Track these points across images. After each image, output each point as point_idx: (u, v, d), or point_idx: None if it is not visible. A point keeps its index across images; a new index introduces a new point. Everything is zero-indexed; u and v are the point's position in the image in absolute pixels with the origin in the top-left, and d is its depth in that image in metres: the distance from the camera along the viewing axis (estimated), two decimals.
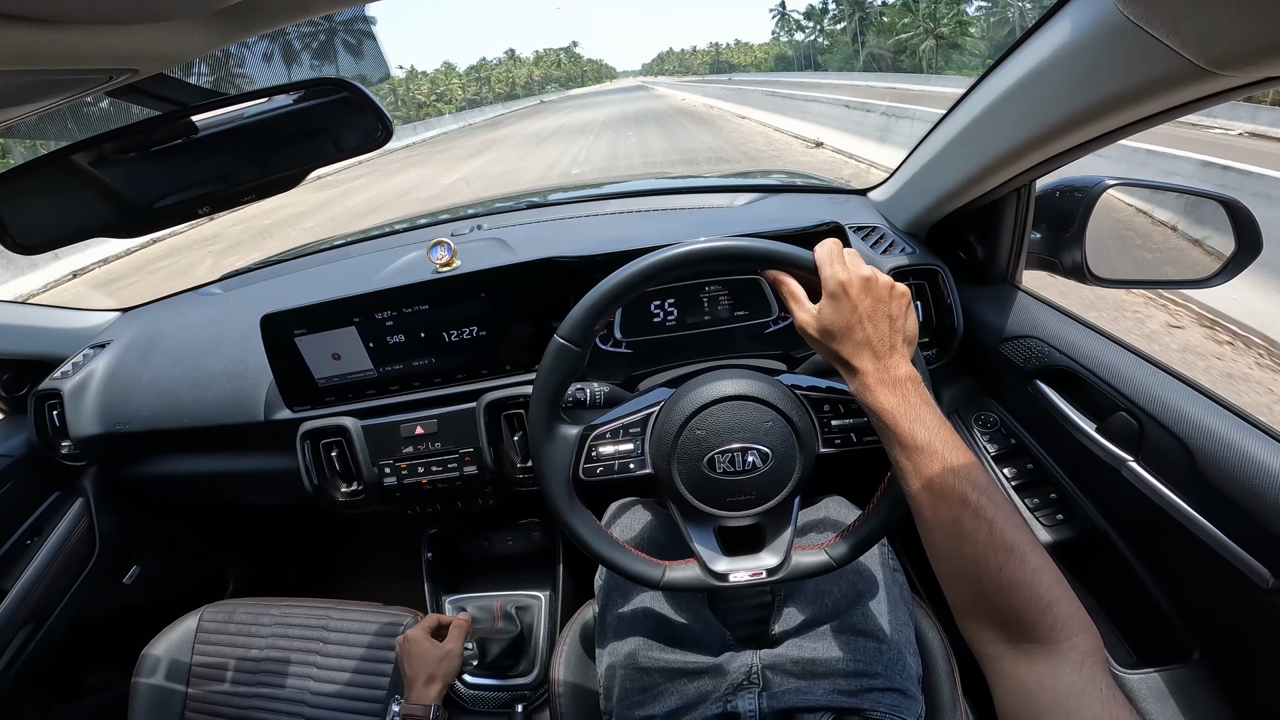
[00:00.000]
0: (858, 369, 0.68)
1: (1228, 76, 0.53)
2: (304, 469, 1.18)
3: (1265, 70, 0.50)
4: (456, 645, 1.05)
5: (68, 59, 0.36)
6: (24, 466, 1.40)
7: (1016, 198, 1.02)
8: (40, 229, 0.65)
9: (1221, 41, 0.49)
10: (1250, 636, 0.75)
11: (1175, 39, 0.52)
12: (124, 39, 0.37)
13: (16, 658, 1.32)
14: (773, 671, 0.87)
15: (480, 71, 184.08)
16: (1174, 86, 0.59)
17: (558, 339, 0.76)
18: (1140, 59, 0.59)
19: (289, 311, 1.08)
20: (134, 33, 0.37)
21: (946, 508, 0.62)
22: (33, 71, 0.36)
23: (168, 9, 0.36)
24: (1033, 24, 0.75)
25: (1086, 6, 0.64)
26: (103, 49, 0.36)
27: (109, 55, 0.37)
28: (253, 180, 0.64)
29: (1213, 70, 0.52)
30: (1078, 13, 0.66)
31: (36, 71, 0.36)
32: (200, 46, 0.43)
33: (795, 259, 0.73)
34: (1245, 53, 0.49)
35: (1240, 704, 0.77)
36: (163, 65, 0.45)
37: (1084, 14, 0.65)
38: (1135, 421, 0.83)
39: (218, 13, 0.38)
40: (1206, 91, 0.58)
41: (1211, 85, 0.56)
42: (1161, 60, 0.56)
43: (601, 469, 0.82)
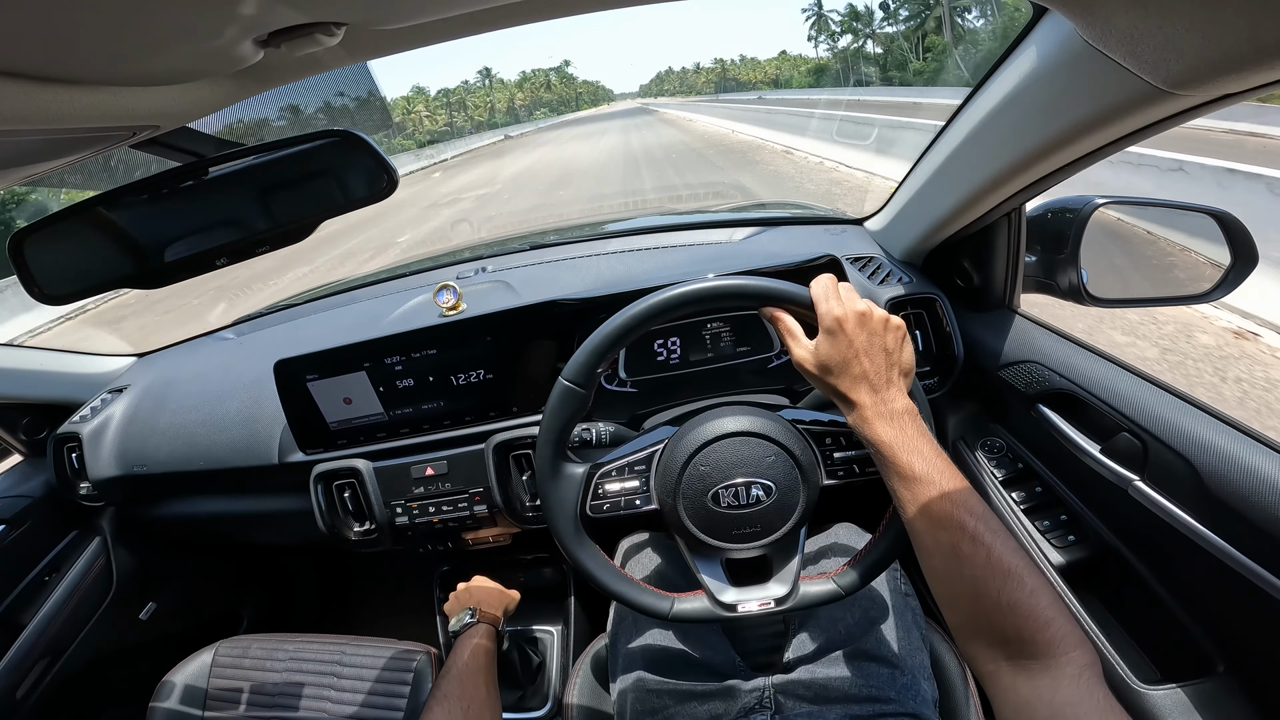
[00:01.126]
0: (855, 403, 0.70)
1: (1186, 96, 0.55)
2: (317, 510, 1.20)
3: (1222, 88, 0.52)
4: (515, 594, 1.18)
5: (94, 118, 0.38)
6: (43, 506, 1.43)
7: (1008, 222, 1.03)
8: (66, 279, 0.67)
9: (1176, 62, 0.51)
10: (1273, 649, 0.75)
11: (1132, 61, 0.54)
12: (147, 99, 0.40)
13: (33, 690, 1.33)
14: (785, 696, 0.87)
15: (451, 96, 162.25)
16: (1137, 108, 0.61)
17: (562, 381, 0.78)
18: (1103, 83, 0.61)
19: (301, 358, 1.11)
20: (157, 93, 0.40)
21: (945, 534, 0.63)
22: (62, 130, 0.39)
23: (190, 72, 0.39)
24: (1001, 54, 0.76)
25: (1049, 33, 0.67)
26: (127, 108, 0.39)
27: (133, 114, 0.40)
28: (265, 231, 0.66)
29: (1171, 90, 0.54)
30: (1042, 39, 0.68)
31: (64, 130, 0.39)
32: (218, 103, 0.46)
33: (791, 296, 0.75)
34: (1199, 71, 0.50)
35: (1271, 717, 0.76)
36: (182, 120, 0.48)
37: (1047, 40, 0.67)
38: (1139, 441, 0.83)
39: (236, 73, 0.41)
40: (1169, 111, 0.60)
41: (1172, 105, 0.58)
42: (1122, 83, 0.58)
43: (608, 506, 0.83)
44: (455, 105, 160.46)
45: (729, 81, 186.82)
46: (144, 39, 0.33)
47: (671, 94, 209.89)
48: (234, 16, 0.33)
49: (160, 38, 0.34)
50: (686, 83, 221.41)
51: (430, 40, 0.47)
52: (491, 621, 1.06)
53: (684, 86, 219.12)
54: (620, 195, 12.80)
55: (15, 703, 1.29)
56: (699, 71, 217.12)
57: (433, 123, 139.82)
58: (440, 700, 0.86)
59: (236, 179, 0.65)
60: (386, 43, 0.46)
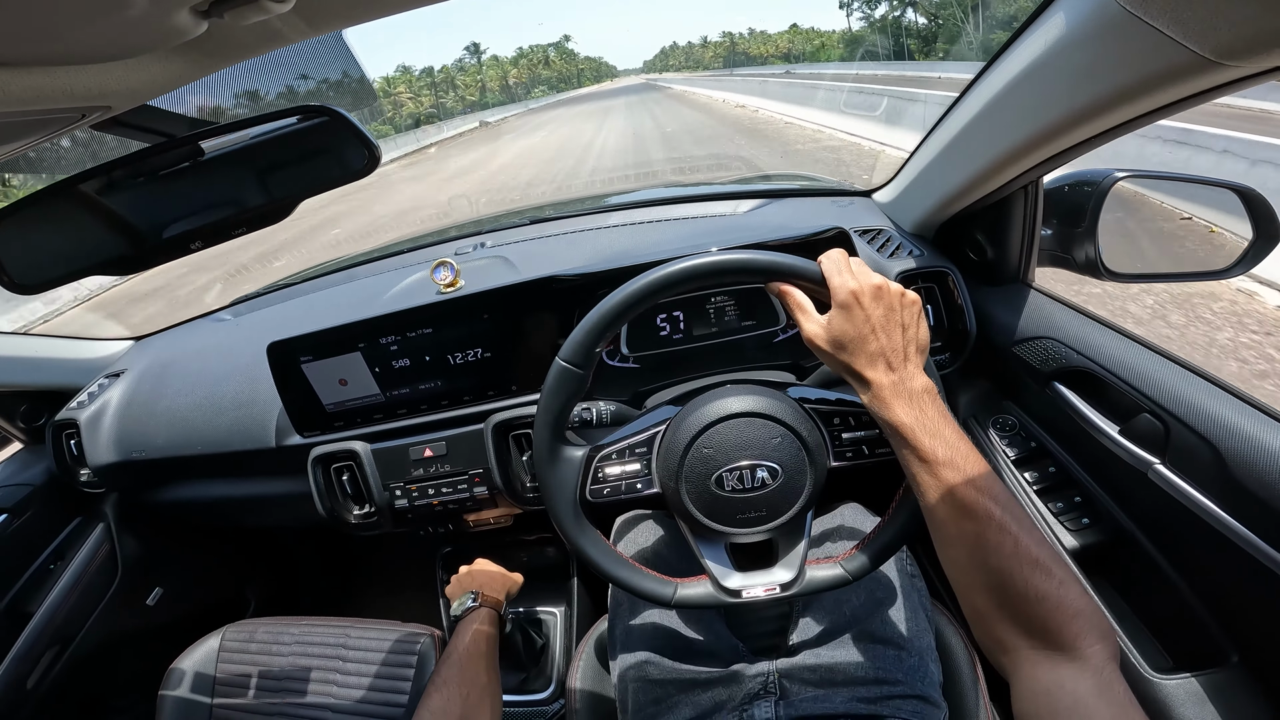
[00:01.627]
0: (872, 381, 0.67)
1: (1234, 67, 0.51)
2: (316, 493, 1.19)
3: (1272, 59, 0.48)
4: (518, 576, 1.18)
5: (32, 100, 0.35)
6: (44, 494, 1.43)
7: (1024, 194, 1.00)
8: (38, 268, 0.65)
9: (1225, 31, 0.47)
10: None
11: (1177, 29, 0.50)
12: (87, 78, 0.37)
13: (44, 679, 1.34)
14: (790, 680, 0.86)
15: (437, 75, 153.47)
16: (1178, 79, 0.57)
17: (559, 362, 0.76)
18: (1142, 51, 0.57)
19: (294, 339, 1.09)
20: (96, 71, 0.37)
21: (970, 522, 0.61)
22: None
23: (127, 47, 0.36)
24: (1027, 17, 0.73)
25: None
26: (66, 89, 0.36)
27: (72, 94, 0.37)
28: (242, 212, 0.64)
29: (1218, 60, 0.50)
30: (1071, 5, 0.64)
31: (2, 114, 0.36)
32: (171, 80, 0.43)
33: (801, 271, 0.71)
34: (1251, 42, 0.47)
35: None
36: (135, 99, 0.45)
37: (1078, 6, 0.63)
38: (1160, 423, 0.81)
39: (183, 46, 0.38)
40: (1213, 83, 0.56)
41: (1217, 76, 0.54)
42: (1164, 52, 0.54)
43: (608, 490, 0.81)
44: (442, 85, 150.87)
45: (738, 56, 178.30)
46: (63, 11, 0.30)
47: (677, 69, 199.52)
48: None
49: (81, 9, 0.30)
50: (693, 58, 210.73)
51: (384, 10, 0.43)
52: (494, 605, 1.06)
53: (690, 62, 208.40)
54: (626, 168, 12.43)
55: (26, 693, 1.30)
56: (706, 46, 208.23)
57: (416, 105, 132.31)
58: (440, 686, 0.86)
59: (211, 159, 0.62)
60: (348, 10, 0.42)
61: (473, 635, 0.97)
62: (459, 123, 52.91)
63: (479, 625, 0.99)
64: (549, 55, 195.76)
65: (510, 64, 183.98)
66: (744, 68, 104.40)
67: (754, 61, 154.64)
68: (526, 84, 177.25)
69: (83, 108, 0.40)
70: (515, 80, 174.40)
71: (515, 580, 1.17)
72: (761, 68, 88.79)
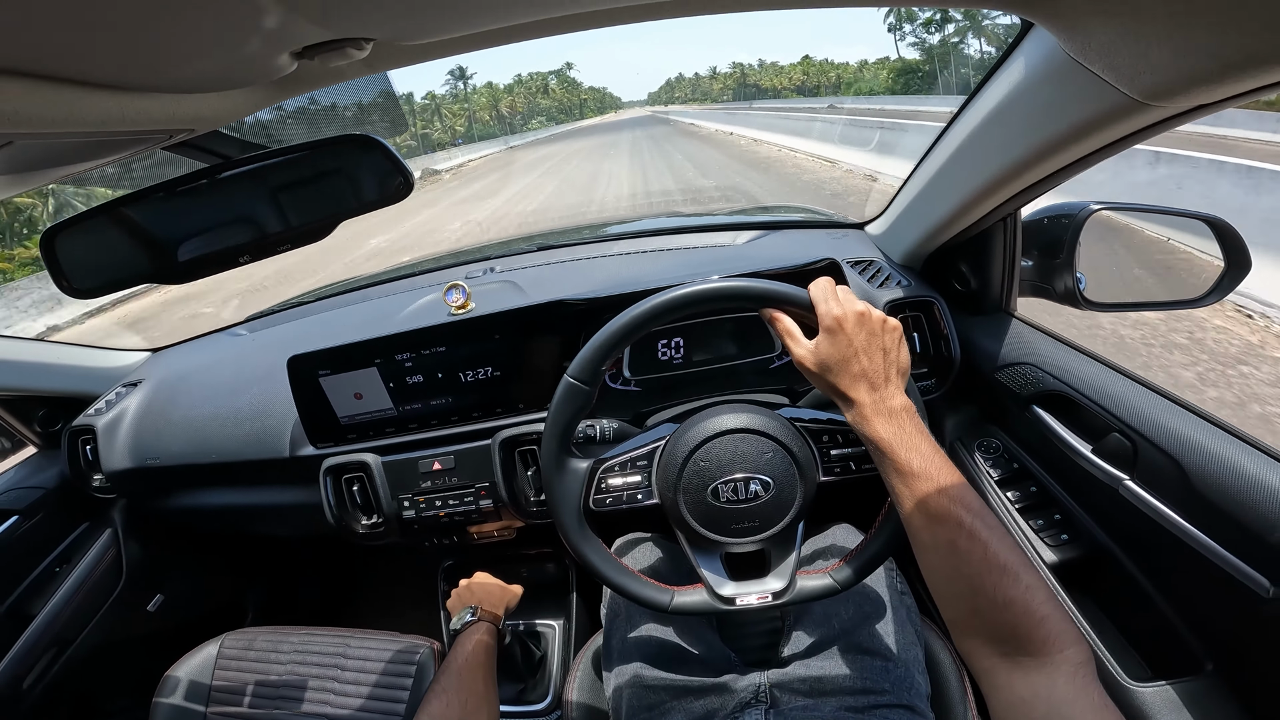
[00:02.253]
0: (855, 400, 0.71)
1: (1161, 107, 0.57)
2: (326, 503, 1.22)
3: (1194, 99, 0.54)
4: (518, 590, 1.21)
5: (140, 121, 0.41)
6: (56, 498, 1.45)
7: (1004, 227, 1.05)
8: (93, 274, 0.70)
9: (1149, 74, 0.53)
10: (1257, 647, 0.76)
11: (1110, 74, 0.56)
12: (186, 105, 0.42)
13: (40, 680, 1.35)
14: (780, 689, 0.89)
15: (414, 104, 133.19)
16: (1116, 119, 0.64)
17: (567, 379, 0.81)
18: (1083, 94, 0.64)
19: (314, 353, 1.13)
20: (196, 99, 0.43)
21: (943, 530, 0.64)
22: (105, 132, 0.42)
23: (229, 81, 0.42)
24: (992, 64, 0.79)
25: (1035, 46, 0.69)
26: (168, 113, 0.42)
27: (172, 118, 0.43)
28: (286, 230, 0.69)
29: (1147, 102, 0.56)
30: (1029, 52, 0.71)
31: (109, 132, 0.42)
32: (251, 108, 0.49)
33: (791, 297, 0.77)
34: (1172, 83, 0.53)
35: (1255, 715, 0.78)
36: (215, 124, 0.51)
37: (1033, 53, 0.70)
38: (1128, 441, 0.85)
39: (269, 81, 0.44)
40: (1146, 122, 0.62)
41: (1149, 116, 0.60)
42: (1102, 95, 0.60)
43: (610, 500, 0.86)
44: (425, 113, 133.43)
45: (749, 88, 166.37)
46: (188, 52, 0.36)
47: (683, 101, 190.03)
48: (272, 32, 0.36)
49: (204, 50, 0.36)
50: (700, 90, 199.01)
51: (453, 52, 0.50)
52: (492, 619, 1.08)
53: (697, 94, 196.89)
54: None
55: (21, 692, 1.31)
56: (715, 78, 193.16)
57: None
58: (439, 694, 0.87)
59: (260, 180, 0.68)
60: (411, 56, 0.49)
61: (471, 646, 0.99)
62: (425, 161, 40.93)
63: (478, 636, 1.01)
64: (549, 83, 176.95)
65: (504, 91, 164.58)
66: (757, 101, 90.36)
67: (765, 94, 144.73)
68: (524, 113, 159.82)
69: (172, 130, 0.46)
70: (509, 109, 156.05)
71: (514, 593, 1.20)
72: (777, 101, 78.91)
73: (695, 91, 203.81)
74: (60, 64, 0.34)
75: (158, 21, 0.33)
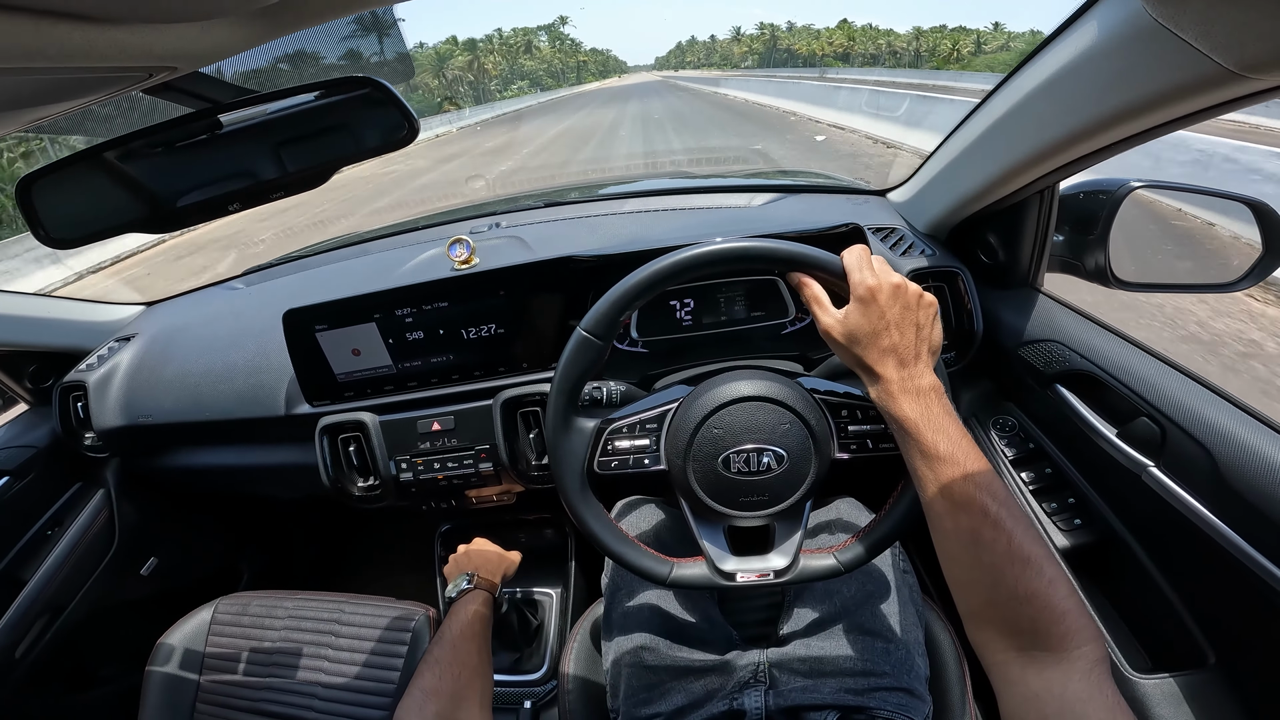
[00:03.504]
0: (881, 376, 0.68)
1: (1257, 80, 0.53)
2: (322, 463, 1.20)
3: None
4: (516, 557, 1.20)
5: (111, 57, 0.36)
6: (47, 457, 1.42)
7: (1040, 200, 1.01)
8: (73, 224, 0.66)
9: (1252, 45, 0.49)
10: (1269, 643, 0.75)
11: (1205, 42, 0.52)
12: (167, 37, 0.38)
13: (34, 646, 1.34)
14: (779, 670, 0.88)
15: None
16: (1203, 90, 0.59)
17: (581, 331, 0.77)
18: (1169, 62, 0.59)
19: (311, 307, 1.10)
20: (176, 31, 0.38)
21: (966, 517, 0.62)
22: (75, 69, 0.37)
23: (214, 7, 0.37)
24: (1058, 25, 0.75)
25: (1114, 8, 0.64)
26: (145, 47, 0.37)
27: (150, 53, 0.38)
28: (280, 177, 0.65)
29: (1243, 74, 0.52)
30: (1105, 14, 0.65)
31: (79, 69, 0.37)
32: (237, 44, 0.44)
33: (823, 263, 0.73)
34: (1275, 56, 0.48)
35: (1257, 711, 0.77)
36: (200, 63, 0.46)
37: (1111, 15, 0.64)
38: (1157, 427, 0.83)
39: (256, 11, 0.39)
40: (1236, 94, 0.58)
41: (1241, 88, 0.56)
42: (1191, 63, 0.56)
43: (616, 463, 0.82)
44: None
45: (779, 53, 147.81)
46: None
47: (697, 67, 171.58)
48: None
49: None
50: (719, 53, 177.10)
51: None
52: (489, 588, 1.06)
53: (714, 58, 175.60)
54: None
55: (14, 661, 1.30)
56: (739, 40, 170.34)
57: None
58: (432, 665, 0.86)
59: (252, 124, 0.63)
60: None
61: (466, 616, 0.97)
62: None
63: (474, 607, 1.00)
64: (534, 41, 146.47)
65: (462, 49, 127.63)
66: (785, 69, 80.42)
67: (798, 61, 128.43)
68: (501, 78, 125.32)
69: (152, 67, 0.41)
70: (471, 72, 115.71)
71: (512, 561, 1.19)
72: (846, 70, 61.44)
73: (711, 56, 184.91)
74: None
75: None
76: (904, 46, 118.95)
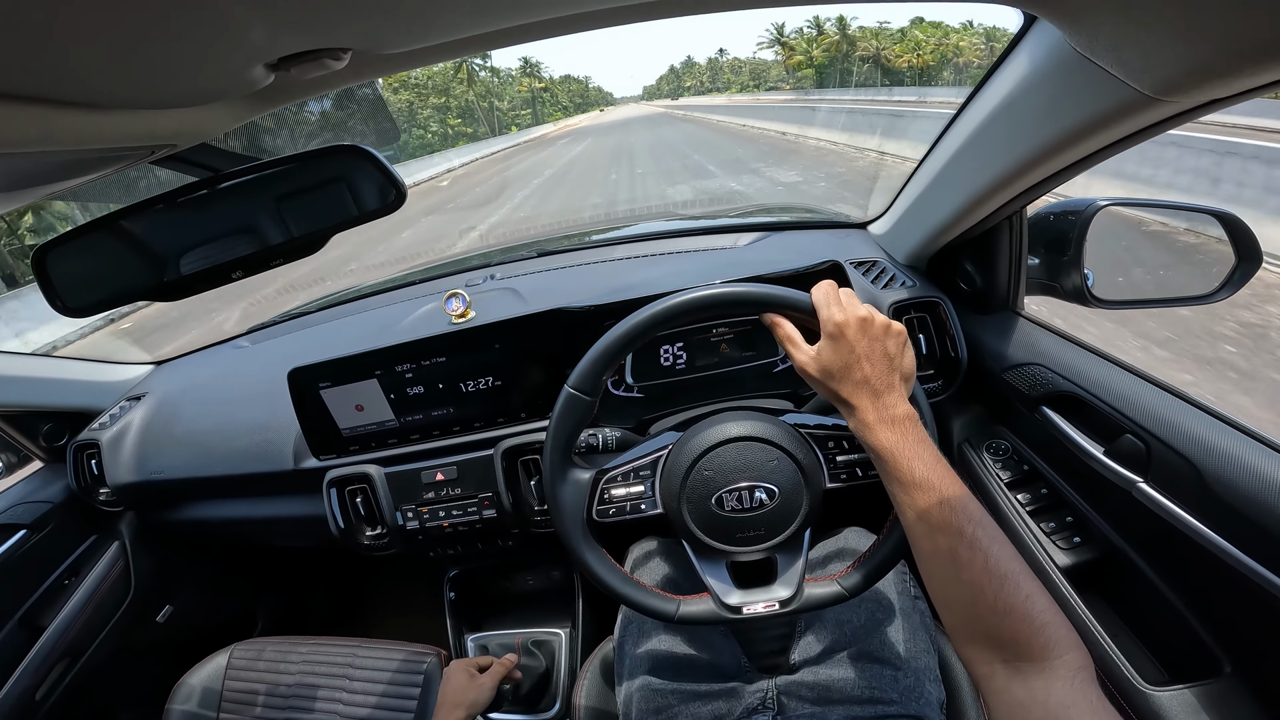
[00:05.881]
0: (857, 407, 0.70)
1: (1172, 102, 0.55)
2: (331, 515, 1.22)
3: (1207, 93, 0.52)
4: (490, 680, 1.09)
5: (116, 138, 0.40)
6: (63, 511, 1.46)
7: (1009, 225, 1.03)
8: (86, 292, 0.69)
9: (1161, 68, 0.51)
10: (1277, 649, 0.75)
11: (1119, 69, 0.54)
12: (165, 120, 0.42)
13: (52, 692, 1.36)
14: (788, 696, 0.88)
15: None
16: (1125, 115, 0.62)
17: (568, 389, 0.79)
18: (1092, 90, 0.62)
19: (314, 366, 1.13)
20: (174, 114, 0.42)
21: (944, 539, 0.63)
22: (84, 150, 0.41)
23: (206, 95, 0.41)
24: (995, 60, 0.75)
25: (1040, 41, 0.67)
26: (146, 129, 0.41)
27: (151, 134, 0.42)
28: (278, 244, 0.68)
29: (1157, 97, 0.55)
30: (1032, 47, 0.69)
31: (87, 149, 0.41)
32: (232, 121, 0.48)
33: (792, 302, 0.75)
34: (1184, 78, 0.51)
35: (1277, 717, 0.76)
36: (199, 138, 0.50)
37: (1038, 48, 0.68)
38: (1142, 443, 0.83)
39: (248, 94, 0.43)
40: (1157, 117, 0.60)
41: (1160, 111, 0.59)
42: (1111, 90, 0.59)
43: (614, 510, 0.84)
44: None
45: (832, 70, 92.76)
46: (160, 67, 0.35)
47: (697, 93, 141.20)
48: (246, 44, 0.35)
49: (176, 65, 0.36)
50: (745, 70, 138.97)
51: (433, 60, 0.49)
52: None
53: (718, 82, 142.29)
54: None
55: (34, 704, 1.32)
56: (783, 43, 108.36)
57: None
58: None
59: (251, 194, 0.67)
60: (391, 64, 0.48)
61: None
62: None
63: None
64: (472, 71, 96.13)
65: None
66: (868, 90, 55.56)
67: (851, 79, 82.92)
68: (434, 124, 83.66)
69: (153, 145, 0.45)
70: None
71: (482, 691, 1.08)
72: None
73: (716, 78, 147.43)
74: (30, 84, 0.34)
75: (129, 38, 0.33)
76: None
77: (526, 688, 1.40)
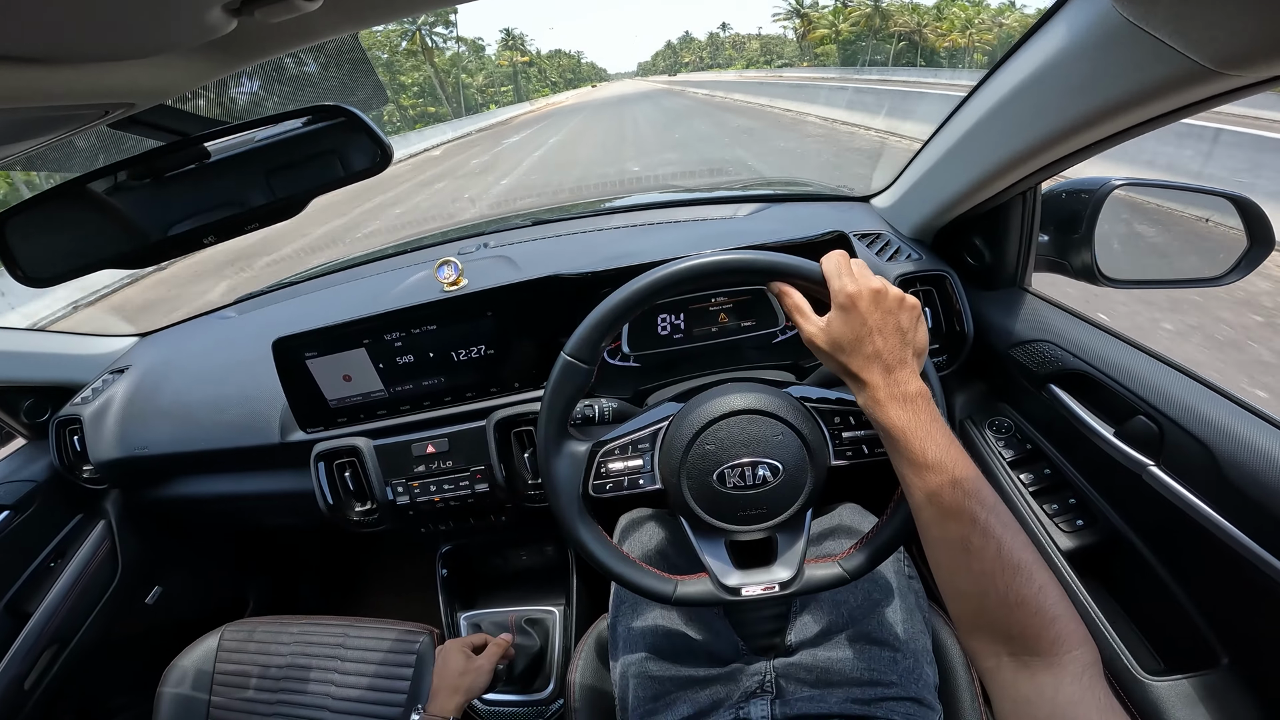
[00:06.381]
0: (867, 383, 0.67)
1: (1234, 76, 0.52)
2: (319, 490, 1.20)
3: (1273, 68, 0.49)
4: (487, 663, 1.08)
5: (60, 96, 0.36)
6: (47, 491, 1.42)
7: (1023, 201, 1.01)
8: (50, 262, 0.66)
9: (1225, 41, 0.48)
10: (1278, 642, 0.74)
11: (1177, 39, 0.51)
12: (114, 75, 0.38)
13: (42, 679, 1.34)
14: (786, 679, 0.87)
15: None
16: (1179, 87, 0.58)
17: (564, 356, 0.76)
18: (1143, 61, 0.58)
19: (299, 335, 1.10)
20: (123, 69, 0.38)
21: (955, 525, 0.61)
22: (27, 109, 0.37)
23: (157, 44, 0.37)
24: (1029, 28, 0.73)
25: (1082, 9, 0.63)
26: (94, 86, 0.37)
27: (101, 91, 0.38)
28: (254, 208, 0.65)
29: (1218, 70, 0.51)
30: (1074, 16, 0.65)
31: (30, 109, 0.37)
32: (193, 79, 0.44)
33: (802, 271, 0.72)
34: (1251, 51, 0.48)
35: (1274, 710, 0.75)
36: (158, 98, 0.46)
37: (1081, 17, 0.64)
38: (1155, 425, 0.81)
39: (207, 46, 0.39)
40: (1213, 91, 0.57)
41: (1218, 85, 0.55)
42: (1165, 61, 0.55)
43: (611, 485, 0.81)
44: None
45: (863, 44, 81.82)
46: (101, 10, 0.31)
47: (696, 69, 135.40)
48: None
49: (118, 7, 0.31)
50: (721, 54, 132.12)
51: (424, 6, 0.44)
52: (440, 715, 0.99)
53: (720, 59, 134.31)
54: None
55: (24, 693, 1.30)
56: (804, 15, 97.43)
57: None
58: None
59: (225, 156, 0.63)
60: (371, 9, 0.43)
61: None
62: None
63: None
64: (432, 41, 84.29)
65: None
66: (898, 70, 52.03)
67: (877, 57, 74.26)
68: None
69: (107, 104, 0.41)
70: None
71: (479, 674, 1.07)
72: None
73: (718, 55, 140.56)
74: None
75: None
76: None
77: (520, 667, 1.40)
